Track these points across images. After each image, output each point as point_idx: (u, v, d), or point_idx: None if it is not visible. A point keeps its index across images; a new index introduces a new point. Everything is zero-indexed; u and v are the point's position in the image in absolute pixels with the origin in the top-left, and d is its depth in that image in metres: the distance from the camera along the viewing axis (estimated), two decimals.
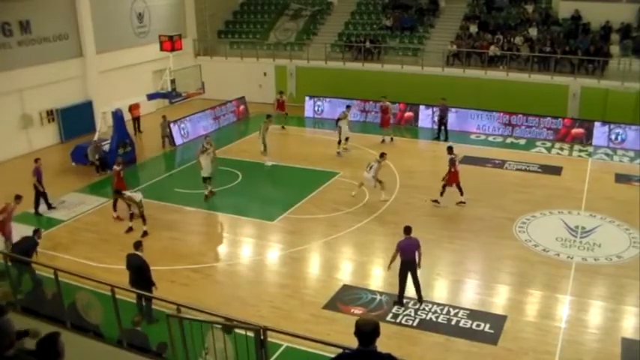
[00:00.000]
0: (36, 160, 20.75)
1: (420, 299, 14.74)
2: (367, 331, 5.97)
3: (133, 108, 28.65)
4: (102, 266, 16.63)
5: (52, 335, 6.99)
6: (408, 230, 14.58)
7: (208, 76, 28.96)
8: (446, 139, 27.12)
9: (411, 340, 13.49)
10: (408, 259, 14.38)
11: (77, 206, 21.06)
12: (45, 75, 26.91)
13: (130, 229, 18.91)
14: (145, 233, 18.51)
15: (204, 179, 21.26)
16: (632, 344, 13.18)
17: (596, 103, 28.07)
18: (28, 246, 15.08)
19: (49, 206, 20.75)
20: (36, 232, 15.76)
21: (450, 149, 20.76)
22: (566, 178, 23.26)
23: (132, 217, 19.07)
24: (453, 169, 20.32)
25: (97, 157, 23.89)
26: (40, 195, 20.45)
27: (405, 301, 14.78)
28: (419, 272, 14.63)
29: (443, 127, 27.76)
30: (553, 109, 28.42)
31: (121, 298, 10.57)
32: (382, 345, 6.28)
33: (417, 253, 14.43)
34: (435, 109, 28.77)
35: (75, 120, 28.55)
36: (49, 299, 11.82)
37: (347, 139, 26.13)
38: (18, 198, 17.81)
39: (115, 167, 20.35)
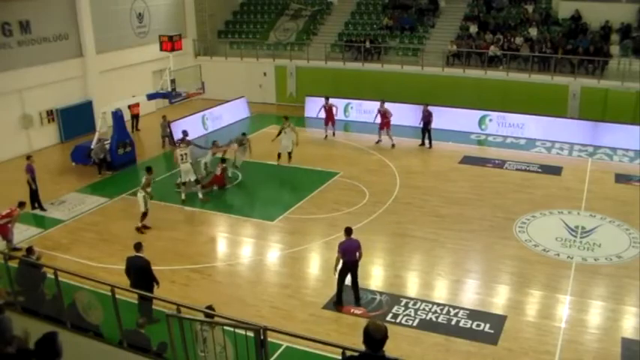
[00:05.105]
0: (28, 157, 20.77)
1: (357, 300, 14.79)
2: (378, 338, 5.95)
3: (132, 105, 28.65)
4: (102, 266, 16.64)
5: (51, 334, 7.00)
6: (348, 231, 14.59)
7: (208, 76, 28.97)
8: (430, 146, 26.83)
9: (411, 340, 13.48)
10: (349, 261, 14.42)
11: (77, 206, 21.05)
12: (45, 75, 26.93)
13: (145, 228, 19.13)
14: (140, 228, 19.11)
15: (184, 183, 21.36)
16: (632, 344, 13.17)
17: (596, 103, 28.08)
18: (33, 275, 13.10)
19: (41, 207, 20.67)
20: (29, 250, 14.30)
21: (222, 160, 20.69)
22: (567, 178, 23.27)
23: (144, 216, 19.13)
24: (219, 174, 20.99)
25: (101, 156, 23.88)
26: (32, 193, 20.43)
27: (405, 301, 14.80)
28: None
29: (427, 133, 26.80)
30: (553, 109, 28.42)
31: (122, 299, 10.57)
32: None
33: (357, 254, 14.45)
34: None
35: (75, 120, 28.55)
36: (49, 299, 11.84)
37: (289, 154, 24.51)
38: (21, 205, 17.79)
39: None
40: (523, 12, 33.59)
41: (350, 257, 14.42)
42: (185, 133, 24.20)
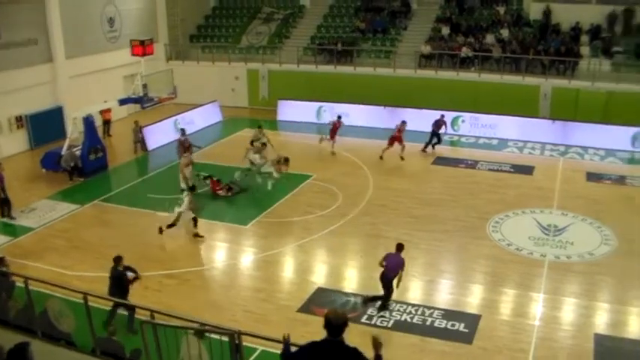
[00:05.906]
0: None
1: (379, 302, 14.67)
2: (338, 324, 6.24)
3: (104, 111, 28.33)
4: (74, 274, 16.39)
5: (22, 344, 6.90)
6: (399, 247, 14.46)
7: (180, 81, 28.75)
8: (424, 149, 26.76)
9: (386, 341, 13.41)
10: (387, 274, 14.23)
11: (48, 213, 20.71)
12: (14, 80, 26.44)
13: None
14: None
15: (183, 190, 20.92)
16: (604, 340, 13.34)
17: (567, 103, 28.44)
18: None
19: (10, 216, 20.24)
20: (0, 261, 14.06)
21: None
22: (538, 177, 23.51)
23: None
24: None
25: (71, 164, 23.56)
26: (2, 201, 20.08)
27: (379, 302, 14.83)
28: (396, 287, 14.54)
29: (436, 138, 26.76)
30: (525, 109, 28.71)
31: (94, 306, 10.43)
32: (357, 346, 6.31)
33: (400, 272, 14.23)
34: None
35: (45, 126, 28.07)
36: (19, 308, 11.65)
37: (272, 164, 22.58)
38: None
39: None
40: (495, 13, 33.94)
41: (388, 271, 14.19)
42: (183, 131, 25.50)
